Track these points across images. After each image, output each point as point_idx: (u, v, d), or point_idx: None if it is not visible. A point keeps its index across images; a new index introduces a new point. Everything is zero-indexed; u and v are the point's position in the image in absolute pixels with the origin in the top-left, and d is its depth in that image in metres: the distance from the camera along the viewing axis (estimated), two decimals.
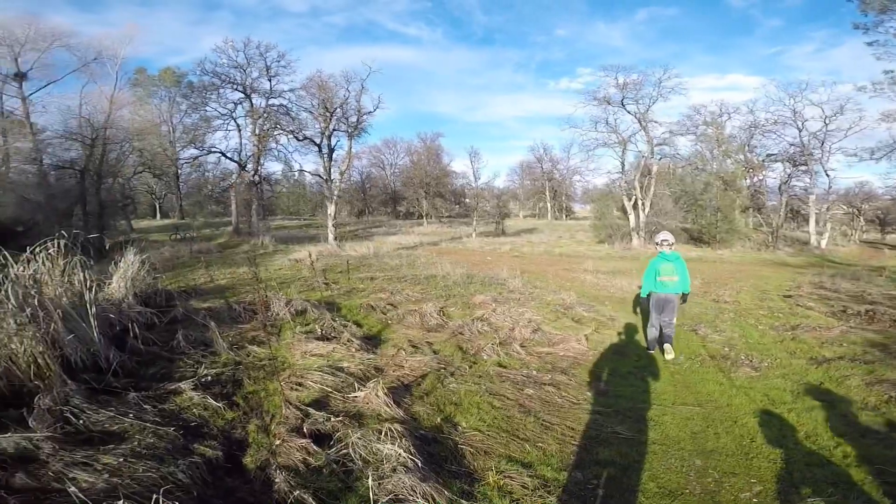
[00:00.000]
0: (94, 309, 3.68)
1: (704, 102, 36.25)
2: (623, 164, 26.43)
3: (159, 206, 43.37)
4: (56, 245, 4.07)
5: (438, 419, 3.67)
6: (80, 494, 1.87)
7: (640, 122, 25.18)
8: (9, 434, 2.38)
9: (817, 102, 26.31)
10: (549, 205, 55.73)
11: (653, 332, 5.78)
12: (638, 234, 22.87)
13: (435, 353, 5.24)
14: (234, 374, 3.87)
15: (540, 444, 3.41)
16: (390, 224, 38.51)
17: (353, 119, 21.53)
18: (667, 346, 5.67)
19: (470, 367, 4.82)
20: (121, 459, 2.36)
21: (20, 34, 19.74)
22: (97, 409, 2.81)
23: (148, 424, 2.77)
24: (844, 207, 32.82)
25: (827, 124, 26.26)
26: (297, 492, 2.47)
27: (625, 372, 5.11)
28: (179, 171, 34.15)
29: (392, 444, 2.93)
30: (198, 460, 2.55)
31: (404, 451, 2.88)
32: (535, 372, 4.85)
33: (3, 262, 3.63)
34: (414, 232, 29.79)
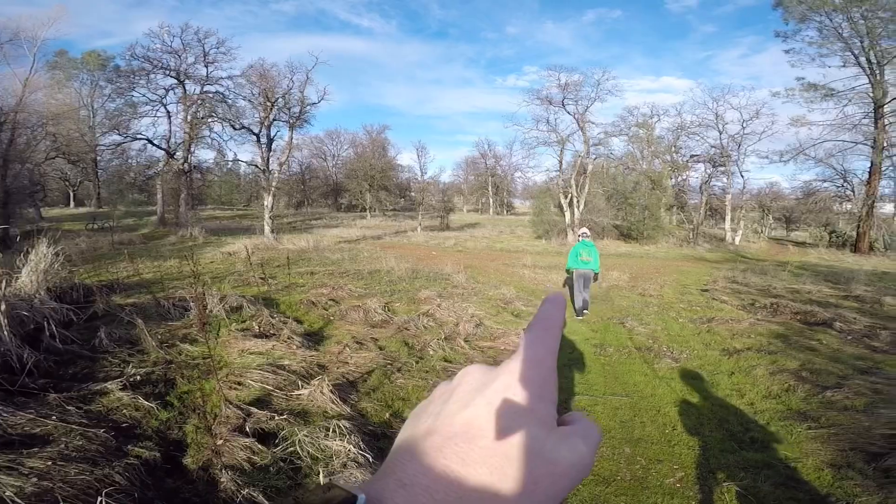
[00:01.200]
0: (2, 305, 3.34)
1: (638, 104, 38.59)
2: (561, 162, 27.52)
3: (73, 194, 39.52)
4: None
5: (387, 415, 3.72)
6: (16, 499, 1.72)
7: (578, 122, 26.29)
8: None
9: (737, 106, 28.69)
10: (491, 200, 56.89)
11: (579, 302, 7.52)
12: (573, 230, 23.99)
13: (381, 349, 5.26)
14: (165, 374, 3.68)
15: None
16: (331, 216, 37.59)
17: (296, 110, 20.77)
18: (585, 312, 7.50)
19: (416, 362, 4.88)
20: (49, 463, 2.21)
21: None
22: (14, 412, 2.59)
23: (74, 426, 2.60)
24: (756, 206, 35.97)
25: (744, 128, 28.61)
26: (246, 490, 2.43)
27: (559, 364, 5.18)
28: (98, 158, 31.25)
29: (341, 440, 2.95)
30: (134, 462, 2.43)
31: (354, 447, 2.91)
32: None
33: None
34: (356, 225, 29.29)
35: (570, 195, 24.80)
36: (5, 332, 3.30)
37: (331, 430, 3.09)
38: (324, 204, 50.01)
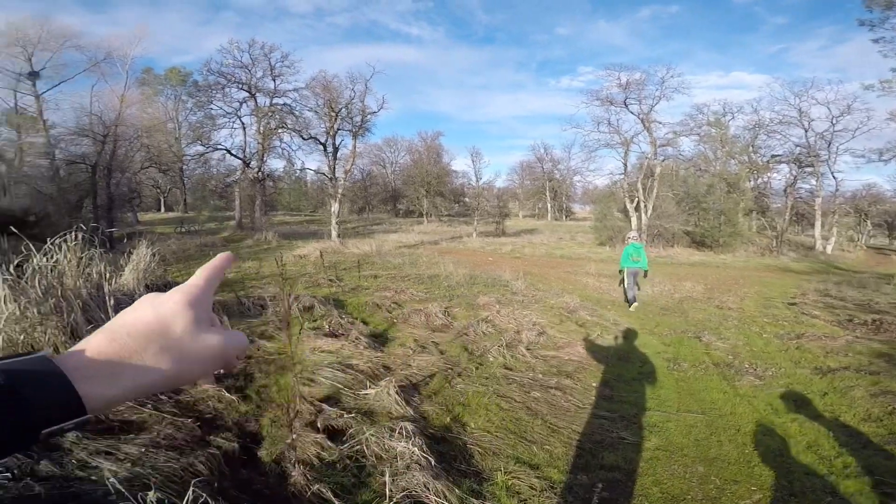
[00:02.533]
0: (111, 300, 3.73)
1: (707, 101, 35.67)
2: (626, 165, 26.38)
3: (164, 200, 43.59)
4: (73, 237, 4.13)
5: (447, 419, 3.72)
6: (117, 485, 1.90)
7: (643, 122, 25.09)
8: None
9: (823, 101, 25.85)
10: (549, 205, 55.75)
11: (630, 294, 8.71)
12: (641, 236, 22.87)
13: (441, 353, 5.28)
14: (245, 368, 3.91)
15: (547, 447, 3.44)
16: (390, 222, 38.53)
17: (358, 119, 21.60)
18: (635, 304, 8.58)
19: (476, 368, 4.85)
20: (142, 450, 2.40)
21: (33, 35, 20.07)
22: None
23: (166, 415, 2.82)
24: (851, 211, 32.20)
25: (834, 124, 25.82)
26: (316, 486, 2.51)
27: (629, 378, 5.12)
28: (184, 167, 34.21)
29: (406, 442, 2.98)
30: (215, 452, 2.59)
31: (418, 450, 2.93)
32: (541, 375, 4.89)
33: (26, 252, 3.69)
34: (414, 230, 29.79)
35: (636, 199, 23.71)
36: None
37: (396, 431, 3.13)
38: (383, 209, 51.44)
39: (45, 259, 3.82)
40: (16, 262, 3.95)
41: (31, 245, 3.95)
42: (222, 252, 0.52)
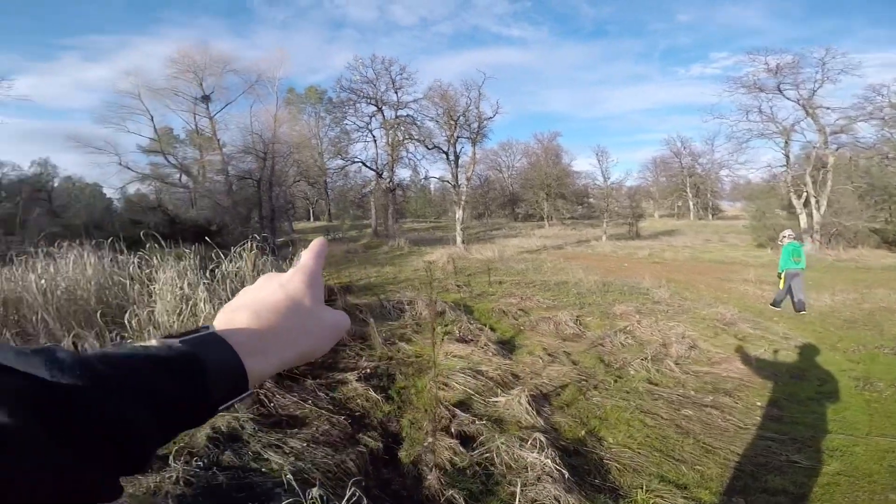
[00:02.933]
0: None
1: (885, 81, 28.30)
2: (787, 156, 22.50)
3: (312, 210, 49.20)
4: (249, 245, 4.89)
5: (581, 432, 3.56)
6: (292, 481, 2.14)
7: (804, 108, 21.15)
8: (222, 414, 2.87)
9: None
10: (690, 203, 50.19)
11: (780, 296, 8.13)
12: (811, 237, 19.28)
13: (574, 363, 5.05)
14: (387, 369, 4.19)
15: (698, 467, 3.15)
16: (510, 226, 38.21)
17: (475, 125, 21.91)
18: (799, 307, 7.77)
19: (615, 381, 4.55)
20: (304, 444, 2.66)
21: (200, 61, 23.12)
22: (284, 395, 3.25)
23: (323, 411, 3.12)
24: None
25: None
26: (450, 491, 2.55)
27: (804, 397, 4.43)
28: (328, 180, 38.04)
29: (538, 453, 2.89)
30: (363, 450, 2.78)
31: (550, 461, 2.83)
32: (692, 392, 4.39)
33: (215, 258, 4.46)
34: (535, 235, 29.03)
35: (804, 194, 20.09)
36: None
37: (528, 441, 3.06)
38: (501, 214, 51.28)
39: (230, 265, 4.55)
40: (210, 267, 4.80)
41: (220, 252, 4.72)
42: (318, 238, 0.57)
